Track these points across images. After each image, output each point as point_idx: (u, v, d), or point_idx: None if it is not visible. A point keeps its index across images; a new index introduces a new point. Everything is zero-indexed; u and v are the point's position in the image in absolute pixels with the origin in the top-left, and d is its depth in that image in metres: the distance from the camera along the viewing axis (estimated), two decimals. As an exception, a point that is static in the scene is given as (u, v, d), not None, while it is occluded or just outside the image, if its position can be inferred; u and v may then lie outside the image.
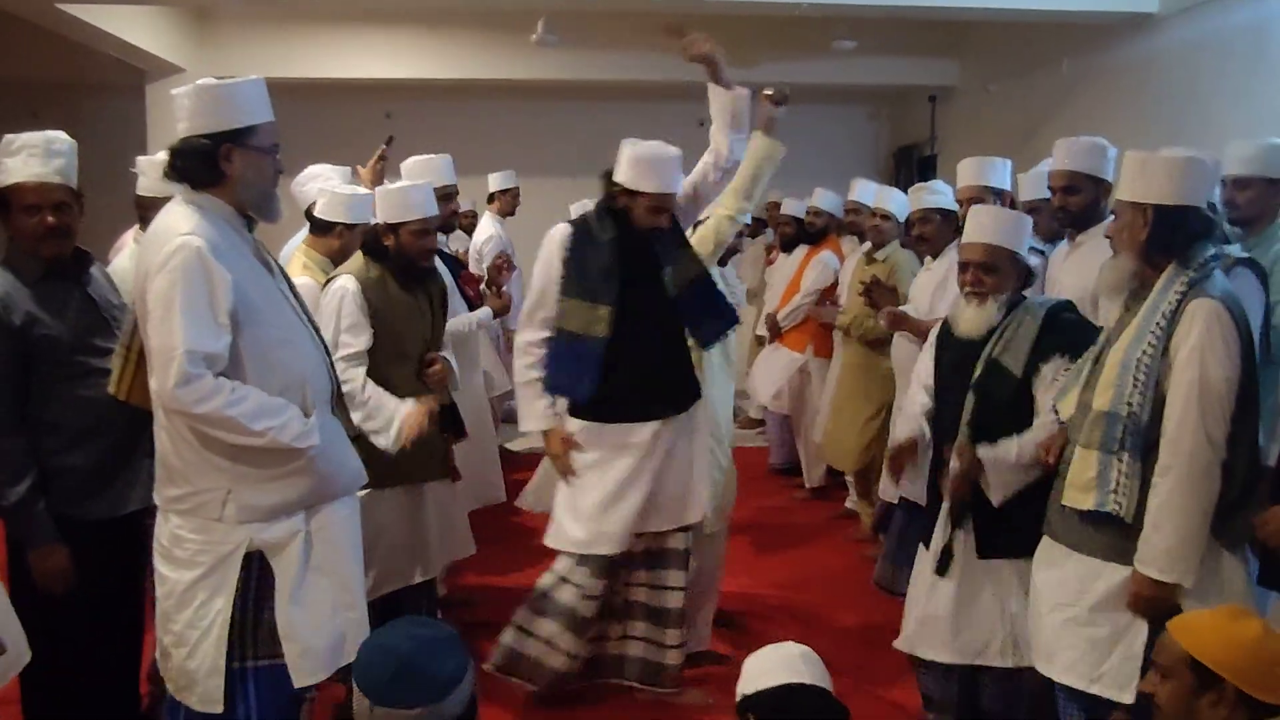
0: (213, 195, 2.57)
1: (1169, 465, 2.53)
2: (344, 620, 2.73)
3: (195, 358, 2.42)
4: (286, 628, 2.63)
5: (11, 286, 2.86)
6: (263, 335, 2.55)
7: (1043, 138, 6.95)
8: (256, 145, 2.57)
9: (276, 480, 2.59)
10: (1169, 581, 2.52)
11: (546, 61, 8.10)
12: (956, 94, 8.76)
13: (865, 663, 4.12)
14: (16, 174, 2.85)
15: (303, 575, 2.65)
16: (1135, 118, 6.29)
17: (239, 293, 2.48)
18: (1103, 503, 2.60)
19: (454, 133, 8.77)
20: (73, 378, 2.91)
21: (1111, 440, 2.59)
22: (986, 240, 3.16)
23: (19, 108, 8.21)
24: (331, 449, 2.67)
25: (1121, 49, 6.61)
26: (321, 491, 2.68)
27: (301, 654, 2.64)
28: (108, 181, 5.89)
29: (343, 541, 2.77)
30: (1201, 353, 2.51)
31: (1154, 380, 2.55)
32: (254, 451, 2.52)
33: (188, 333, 2.42)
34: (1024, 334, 3.08)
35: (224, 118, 2.54)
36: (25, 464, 2.83)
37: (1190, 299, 2.55)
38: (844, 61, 8.34)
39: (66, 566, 2.87)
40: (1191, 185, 2.62)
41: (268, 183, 2.63)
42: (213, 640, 2.58)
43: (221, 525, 2.57)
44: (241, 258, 2.56)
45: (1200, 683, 2.07)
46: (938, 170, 8.59)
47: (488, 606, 4.57)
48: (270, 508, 2.60)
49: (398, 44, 7.99)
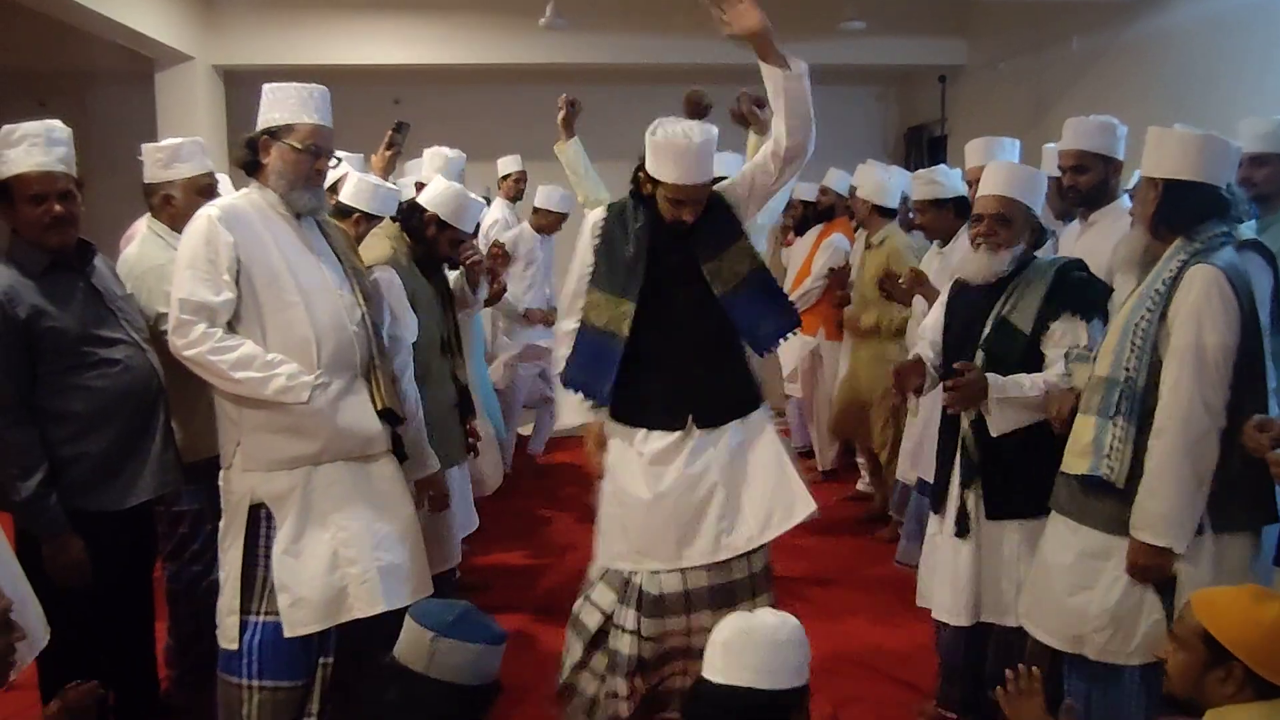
0: (258, 181, 2.89)
1: (1163, 428, 2.53)
2: (345, 576, 2.83)
3: (187, 305, 2.72)
4: (279, 578, 2.81)
5: (16, 279, 2.85)
6: (267, 298, 2.79)
7: (1053, 117, 6.90)
8: (291, 142, 2.84)
9: (280, 434, 2.79)
10: (1163, 546, 2.53)
11: (555, 45, 8.07)
12: (966, 73, 8.70)
13: (880, 642, 4.14)
14: (20, 164, 2.84)
15: (301, 528, 2.83)
16: (1146, 96, 6.24)
17: (245, 255, 2.77)
18: (1095, 466, 2.62)
19: (462, 117, 8.76)
20: (79, 368, 2.92)
21: (1109, 405, 2.61)
22: (1000, 192, 3.16)
23: (27, 98, 8.20)
24: (340, 412, 2.83)
25: (1132, 26, 6.56)
26: (325, 450, 2.83)
27: (293, 604, 2.81)
28: (117, 171, 5.92)
29: (349, 499, 2.86)
30: (1198, 317, 2.50)
31: (1150, 345, 2.56)
32: (257, 404, 2.76)
33: (185, 285, 2.73)
34: (1033, 293, 3.08)
35: (269, 116, 2.87)
36: (37, 457, 2.84)
37: (1190, 266, 2.56)
38: (853, 42, 8.27)
39: (82, 558, 2.89)
40: (1204, 162, 2.61)
41: (298, 178, 2.86)
42: (231, 584, 2.87)
43: (233, 474, 2.87)
44: (267, 231, 2.83)
45: (1211, 658, 2.07)
46: (948, 150, 8.54)
47: (499, 591, 4.61)
48: (272, 460, 2.81)
49: (405, 29, 7.97)
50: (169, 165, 3.44)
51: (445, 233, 3.83)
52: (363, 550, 2.85)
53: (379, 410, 2.93)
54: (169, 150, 3.45)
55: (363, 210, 3.82)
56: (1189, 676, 2.12)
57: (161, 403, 3.11)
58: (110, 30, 6.66)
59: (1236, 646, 2.04)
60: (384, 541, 2.90)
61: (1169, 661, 2.16)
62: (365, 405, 2.91)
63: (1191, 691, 2.12)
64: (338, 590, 2.83)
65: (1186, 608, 2.17)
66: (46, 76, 8.82)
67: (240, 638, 2.85)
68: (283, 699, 2.86)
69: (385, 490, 2.96)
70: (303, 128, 2.85)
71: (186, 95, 7.76)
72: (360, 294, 2.99)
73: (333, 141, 2.94)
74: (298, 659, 2.87)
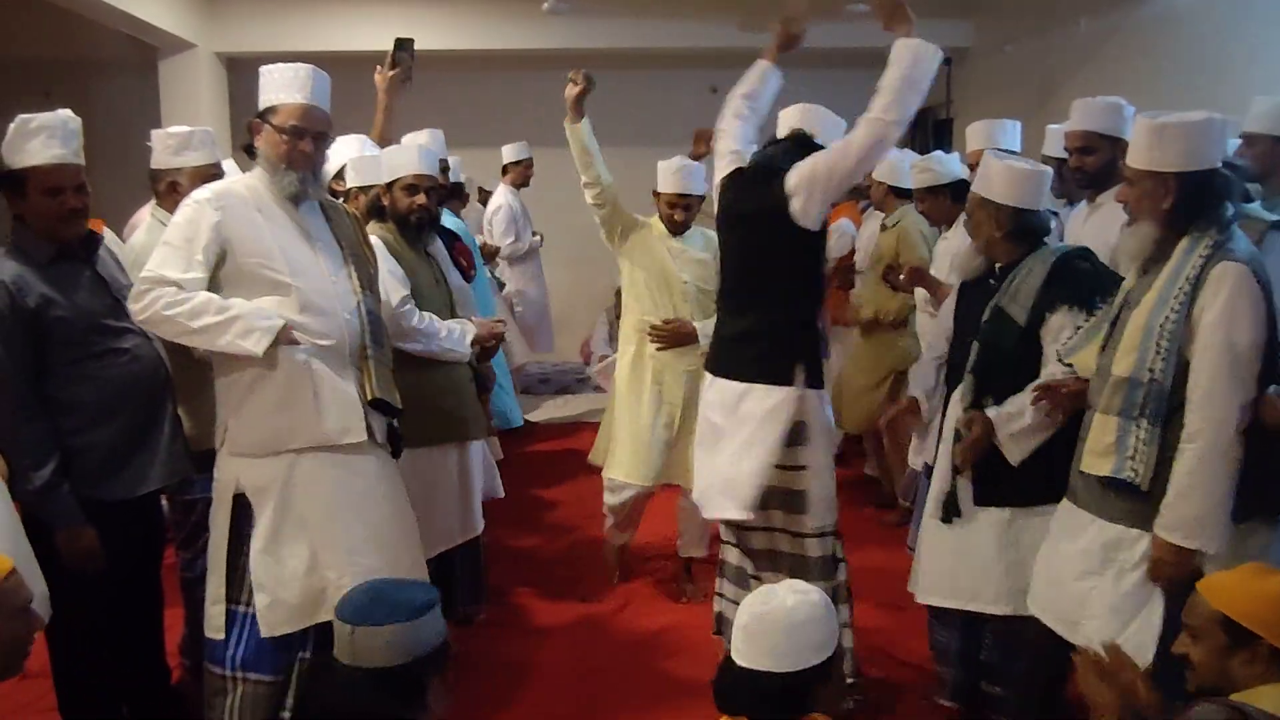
0: (259, 166, 2.87)
1: (1197, 431, 2.48)
2: (323, 579, 2.81)
3: (148, 278, 2.70)
4: (257, 577, 2.80)
5: (23, 270, 2.85)
6: (255, 278, 2.76)
7: (1060, 98, 6.87)
8: (275, 124, 2.82)
9: (263, 412, 2.78)
10: (1194, 548, 2.49)
11: (558, 30, 8.06)
12: (972, 55, 8.66)
13: (885, 625, 4.15)
14: (37, 156, 2.83)
15: (279, 526, 2.81)
16: (1154, 76, 6.21)
17: (232, 234, 2.75)
18: (1119, 469, 2.58)
19: (466, 104, 8.76)
20: (87, 358, 2.92)
21: (1132, 406, 2.56)
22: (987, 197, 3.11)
23: (32, 87, 8.21)
24: (322, 389, 2.80)
25: (1141, 8, 6.52)
26: (305, 428, 2.79)
27: (269, 604, 2.80)
28: (121, 159, 5.92)
29: (332, 502, 2.84)
30: (1230, 317, 2.45)
31: (1177, 346, 2.51)
32: (240, 385, 2.77)
33: (153, 261, 2.73)
34: (1030, 283, 3.03)
35: (261, 98, 2.86)
36: (50, 447, 2.84)
37: (1215, 262, 2.50)
38: (858, 25, 8.23)
39: (95, 547, 2.89)
40: (1210, 147, 2.57)
41: (280, 159, 2.83)
42: (217, 572, 2.87)
43: (221, 458, 2.87)
44: (260, 214, 2.81)
45: (1233, 641, 2.06)
46: (953, 133, 8.51)
47: (495, 570, 4.65)
48: (254, 441, 2.80)
49: (409, 15, 7.95)
50: (179, 152, 3.44)
51: (392, 190, 3.69)
52: (340, 554, 2.82)
53: (370, 400, 2.90)
54: (180, 137, 3.45)
55: (357, 186, 3.84)
56: (1214, 665, 2.10)
57: (169, 392, 3.11)
58: (114, 18, 6.67)
59: (1256, 624, 2.03)
60: (363, 545, 2.85)
61: (1190, 655, 2.13)
62: (349, 391, 2.86)
63: (1219, 680, 2.09)
64: (316, 592, 2.80)
65: (1195, 598, 2.14)
66: (51, 65, 8.83)
67: (227, 628, 2.85)
68: (263, 693, 2.85)
69: (368, 488, 2.90)
70: (285, 108, 2.82)
71: (190, 83, 7.77)
72: (358, 281, 2.94)
73: (325, 121, 2.88)
74: (278, 654, 2.85)
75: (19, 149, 2.83)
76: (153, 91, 7.85)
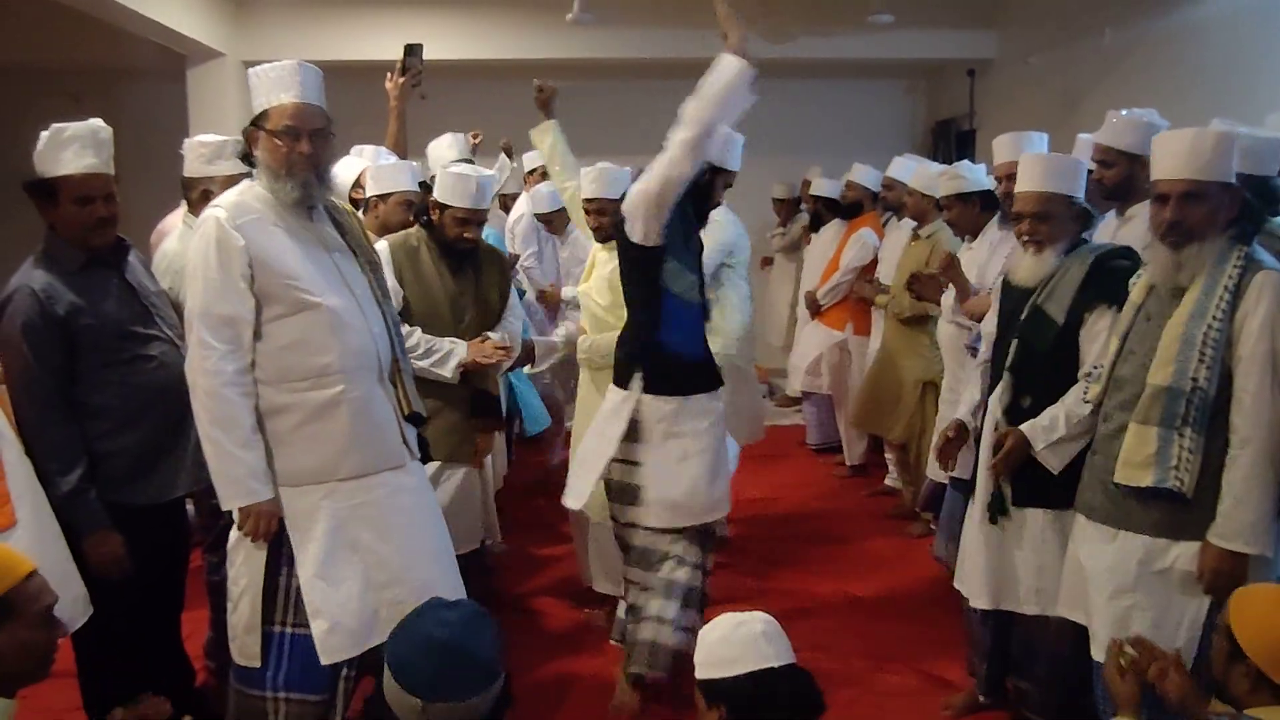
0: (259, 175, 2.72)
1: (1249, 438, 2.52)
2: (377, 600, 2.74)
3: (209, 319, 2.60)
4: (313, 603, 2.68)
5: (54, 277, 2.88)
6: (286, 300, 2.64)
7: (1084, 110, 6.85)
8: (268, 128, 2.68)
9: (304, 443, 2.68)
10: (1253, 553, 2.52)
11: (582, 40, 8.08)
12: (996, 67, 8.64)
13: (909, 636, 4.13)
14: (70, 165, 2.86)
15: (331, 550, 2.70)
16: (1179, 88, 6.18)
17: (259, 255, 2.62)
18: (1163, 479, 2.58)
19: (489, 113, 8.76)
20: (116, 364, 2.94)
21: (1173, 416, 2.57)
22: (1037, 188, 3.11)
23: (61, 94, 8.31)
24: (365, 423, 2.73)
25: (1166, 18, 6.49)
26: (353, 461, 2.72)
27: (328, 630, 2.69)
28: (148, 166, 5.98)
29: (384, 521, 2.77)
30: (1274, 324, 2.51)
31: (1220, 355, 2.54)
32: (282, 413, 2.67)
33: (205, 296, 2.61)
34: (1069, 281, 3.03)
35: (252, 104, 2.71)
36: (77, 452, 2.86)
37: (1252, 272, 2.55)
38: (881, 35, 8.25)
39: (121, 552, 2.91)
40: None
41: (279, 166, 2.68)
42: (249, 599, 2.72)
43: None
44: (278, 230, 2.68)
45: (1233, 651, 2.14)
46: (976, 145, 8.48)
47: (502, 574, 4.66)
48: (298, 471, 2.69)
49: (433, 25, 7.99)
50: (212, 161, 3.46)
51: (444, 213, 3.72)
52: (395, 573, 2.77)
53: (406, 416, 2.88)
54: (213, 146, 3.47)
55: (376, 195, 3.87)
56: (1218, 664, 2.20)
57: (196, 398, 3.13)
58: (143, 27, 6.73)
59: (1249, 645, 2.10)
60: (415, 561, 2.81)
61: (1213, 646, 2.24)
62: (388, 414, 2.81)
63: (1220, 679, 2.19)
64: (372, 615, 2.73)
65: (1231, 598, 2.22)
66: (79, 72, 8.92)
67: (264, 653, 2.72)
68: (309, 712, 2.77)
69: (413, 504, 2.86)
70: (276, 110, 2.66)
71: (217, 91, 7.83)
72: (378, 290, 2.87)
73: (322, 117, 2.71)
74: (325, 672, 2.75)
75: (52, 158, 2.86)
76: (180, 99, 7.92)
